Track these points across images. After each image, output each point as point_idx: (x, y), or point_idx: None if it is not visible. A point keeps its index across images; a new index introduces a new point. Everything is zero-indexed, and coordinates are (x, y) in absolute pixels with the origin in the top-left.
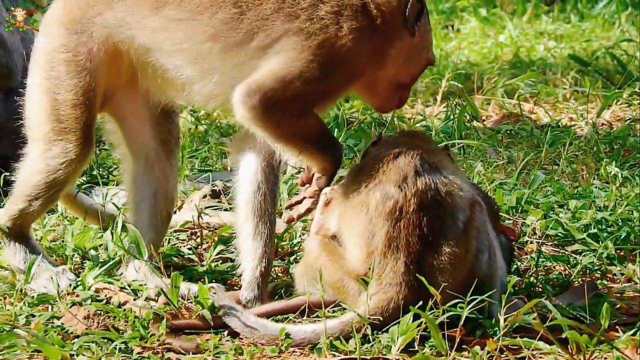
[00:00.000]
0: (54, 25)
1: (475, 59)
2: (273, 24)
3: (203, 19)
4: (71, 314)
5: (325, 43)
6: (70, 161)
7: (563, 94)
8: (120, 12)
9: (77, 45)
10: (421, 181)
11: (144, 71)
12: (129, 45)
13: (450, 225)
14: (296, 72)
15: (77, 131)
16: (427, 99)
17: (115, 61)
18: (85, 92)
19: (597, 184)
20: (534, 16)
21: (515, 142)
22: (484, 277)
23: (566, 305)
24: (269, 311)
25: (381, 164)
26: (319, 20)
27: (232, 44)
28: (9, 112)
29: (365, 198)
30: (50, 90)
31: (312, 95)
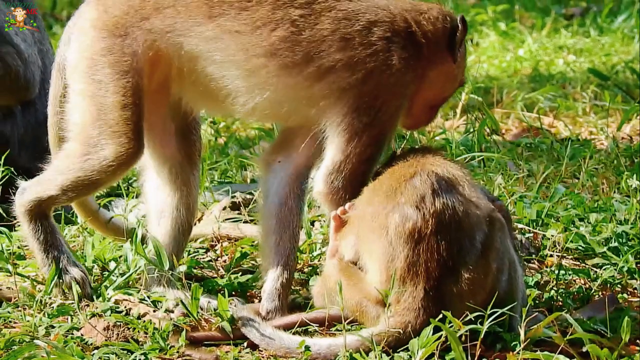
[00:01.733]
0: (93, 29)
1: (494, 72)
2: (329, 48)
3: (262, 34)
4: (91, 325)
5: (375, 72)
6: (120, 164)
7: (583, 107)
8: (169, 17)
9: (122, 48)
10: (439, 201)
11: (184, 79)
12: (174, 52)
13: (468, 247)
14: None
15: (129, 132)
16: (446, 112)
17: (152, 67)
18: (134, 93)
19: (617, 197)
20: (553, 30)
21: (535, 155)
22: (504, 294)
23: (587, 319)
24: (287, 323)
25: (397, 184)
26: (370, 46)
27: (289, 64)
28: (26, 125)
29: (384, 220)
30: (95, 94)
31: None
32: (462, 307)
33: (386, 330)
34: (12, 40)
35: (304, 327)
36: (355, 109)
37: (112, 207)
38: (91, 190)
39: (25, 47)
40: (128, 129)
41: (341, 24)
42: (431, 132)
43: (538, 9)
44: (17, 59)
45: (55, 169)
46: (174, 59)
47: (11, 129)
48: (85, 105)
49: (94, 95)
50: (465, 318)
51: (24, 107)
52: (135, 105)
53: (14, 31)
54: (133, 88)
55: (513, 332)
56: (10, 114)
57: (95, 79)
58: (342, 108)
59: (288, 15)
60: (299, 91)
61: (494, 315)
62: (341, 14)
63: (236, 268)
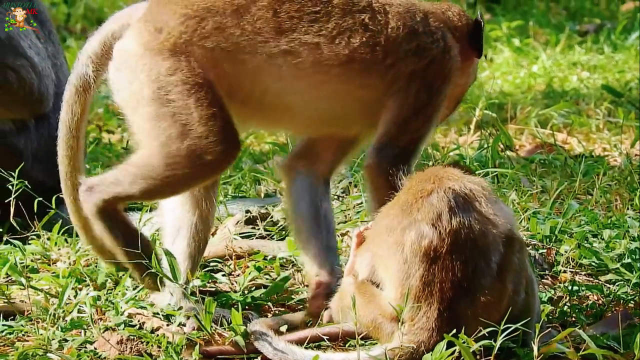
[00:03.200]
0: (150, 52)
1: (508, 88)
2: (401, 41)
3: (340, 43)
4: (104, 338)
5: (437, 58)
6: (216, 167)
7: (596, 124)
8: (233, 36)
9: (189, 64)
10: (455, 220)
11: (240, 96)
12: (236, 70)
13: (484, 267)
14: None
15: (224, 137)
16: (460, 128)
17: (217, 82)
18: (217, 101)
19: (631, 214)
20: (567, 47)
21: (548, 171)
22: (519, 313)
23: (600, 335)
24: (300, 338)
25: (414, 199)
26: (432, 34)
27: (367, 67)
28: (40, 138)
29: (400, 237)
30: (175, 113)
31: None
32: (476, 328)
33: (400, 347)
34: (26, 53)
35: (317, 343)
36: (416, 91)
37: None
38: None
39: (38, 60)
40: (221, 137)
41: (405, 18)
42: (445, 147)
43: (552, 26)
44: (31, 72)
45: (135, 174)
46: (235, 76)
47: (25, 142)
48: (165, 125)
49: (173, 115)
50: (478, 334)
51: (38, 120)
52: (221, 111)
53: (28, 44)
54: (213, 97)
55: (526, 347)
56: (24, 128)
57: (169, 98)
58: (406, 91)
59: (358, 20)
60: (371, 90)
61: (507, 330)
62: (401, 8)
63: (250, 282)
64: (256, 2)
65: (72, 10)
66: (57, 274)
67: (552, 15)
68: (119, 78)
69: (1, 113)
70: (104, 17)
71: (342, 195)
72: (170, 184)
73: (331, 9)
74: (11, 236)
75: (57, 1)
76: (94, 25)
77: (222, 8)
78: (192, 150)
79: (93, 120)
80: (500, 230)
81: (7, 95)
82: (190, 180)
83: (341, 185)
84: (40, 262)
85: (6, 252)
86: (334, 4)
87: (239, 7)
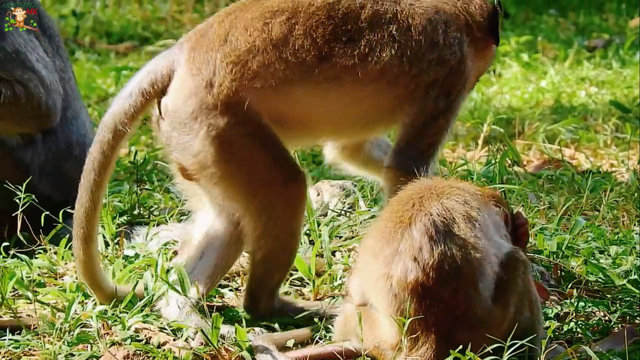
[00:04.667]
0: (205, 109)
1: (516, 104)
2: (423, 52)
3: (372, 60)
4: (110, 353)
5: (454, 67)
6: (297, 202)
7: (604, 140)
8: (277, 70)
9: (246, 114)
10: (437, 251)
11: (287, 122)
12: (281, 98)
13: (473, 295)
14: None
15: (290, 173)
16: (468, 143)
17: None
18: (275, 142)
19: (637, 230)
20: (576, 62)
21: (556, 187)
22: (524, 332)
23: (606, 351)
24: (304, 355)
25: (395, 228)
26: (450, 47)
27: (395, 79)
28: (47, 152)
29: (386, 269)
30: (241, 166)
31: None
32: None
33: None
34: (34, 67)
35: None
36: (435, 98)
37: (133, 235)
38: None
39: (46, 74)
40: (289, 172)
41: (428, 29)
42: (453, 162)
43: (561, 41)
44: (39, 86)
45: (260, 263)
46: (282, 107)
47: (32, 156)
48: (239, 181)
49: (241, 166)
50: (483, 351)
51: (45, 135)
52: (280, 149)
53: (35, 58)
54: (271, 137)
55: None
56: (32, 142)
57: (233, 152)
58: (425, 98)
59: (387, 32)
60: (398, 99)
61: (513, 347)
62: (424, 19)
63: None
64: (292, 32)
65: (81, 23)
66: (63, 288)
67: (561, 30)
68: (175, 138)
69: (9, 127)
70: (112, 30)
71: (349, 211)
72: (283, 238)
73: (361, 25)
74: (18, 250)
75: (66, 14)
76: (102, 38)
77: (262, 46)
78: (271, 197)
79: None
80: (493, 252)
81: (15, 109)
82: (292, 222)
83: (348, 200)
84: (46, 276)
85: (13, 266)
86: (362, 20)
87: (277, 41)
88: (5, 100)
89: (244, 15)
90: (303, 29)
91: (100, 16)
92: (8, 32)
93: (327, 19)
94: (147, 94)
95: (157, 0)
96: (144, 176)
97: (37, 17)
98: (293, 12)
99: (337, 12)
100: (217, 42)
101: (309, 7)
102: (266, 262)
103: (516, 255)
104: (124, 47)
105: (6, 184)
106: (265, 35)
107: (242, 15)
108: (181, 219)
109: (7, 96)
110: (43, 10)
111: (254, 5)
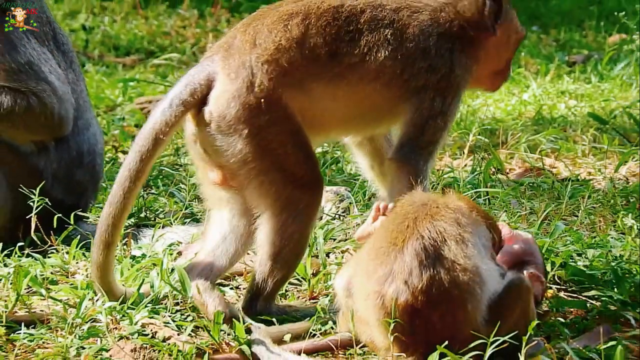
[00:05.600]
0: (249, 109)
1: (500, 115)
2: (415, 58)
3: (370, 59)
4: (118, 347)
5: (446, 73)
6: (313, 207)
7: (582, 150)
8: (302, 65)
9: (282, 109)
10: (425, 275)
11: (306, 120)
12: (306, 98)
13: (462, 318)
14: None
15: (316, 176)
16: (454, 152)
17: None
18: (306, 141)
19: (613, 234)
20: (557, 76)
21: (537, 194)
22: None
23: (583, 347)
24: (300, 348)
25: (390, 248)
26: (441, 56)
27: (390, 80)
28: (59, 159)
29: (379, 288)
30: (276, 162)
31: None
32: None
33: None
34: (47, 78)
35: (321, 352)
36: (431, 100)
37: (139, 237)
38: (305, 245)
39: (59, 84)
40: (315, 174)
41: (420, 40)
42: (440, 170)
43: (542, 56)
44: (52, 97)
45: (267, 259)
46: (305, 104)
47: (45, 163)
48: (272, 178)
49: (276, 162)
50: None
51: (58, 143)
52: (310, 149)
53: (48, 69)
54: (304, 136)
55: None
56: (45, 149)
57: (271, 148)
58: (421, 99)
59: (382, 35)
60: (396, 100)
61: (496, 342)
62: (418, 29)
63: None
64: (308, 31)
65: (90, 37)
66: (75, 285)
67: (543, 46)
68: (219, 140)
69: (24, 135)
70: (120, 43)
71: (342, 215)
72: (295, 238)
73: (360, 27)
74: (32, 250)
75: (77, 28)
76: (110, 51)
77: (286, 45)
78: (296, 196)
79: (109, 142)
80: (474, 274)
81: (29, 118)
82: (307, 224)
83: (342, 205)
84: (59, 275)
85: (27, 264)
86: (361, 22)
87: (297, 39)
88: (20, 110)
89: (264, 21)
90: (316, 28)
91: (108, 30)
92: (21, 44)
93: (333, 20)
94: (187, 104)
95: (162, 16)
96: (150, 181)
97: (53, 34)
98: (306, 14)
99: (340, 14)
100: (248, 47)
101: (318, 9)
102: (274, 260)
103: (517, 281)
104: (131, 59)
105: (21, 188)
106: (288, 34)
107: (262, 21)
108: (185, 221)
109: (22, 106)
110: (58, 27)
111: (269, 12)
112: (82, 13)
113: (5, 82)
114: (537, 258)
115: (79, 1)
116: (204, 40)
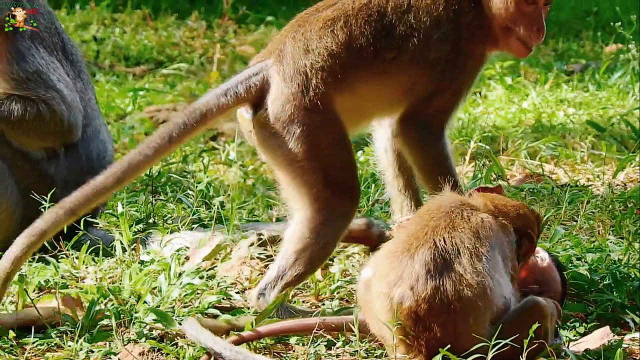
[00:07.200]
0: (304, 111)
1: (500, 123)
2: (433, 34)
3: (401, 49)
4: (127, 350)
5: (455, 42)
6: (349, 213)
7: (581, 156)
8: (349, 66)
9: (333, 112)
10: (430, 284)
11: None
12: (350, 97)
13: (463, 330)
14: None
15: (356, 182)
16: (456, 158)
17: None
18: (350, 147)
19: (612, 239)
20: (555, 85)
21: (537, 199)
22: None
23: (583, 351)
24: (277, 329)
25: (406, 250)
26: (451, 22)
27: (418, 63)
28: (69, 166)
29: (388, 291)
30: (322, 163)
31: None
32: None
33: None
34: (56, 85)
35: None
36: (442, 70)
37: (148, 242)
38: (332, 250)
39: (68, 92)
40: (356, 180)
41: (432, 8)
42: None
43: (542, 65)
44: (61, 104)
45: (293, 253)
46: (349, 103)
47: (55, 169)
48: (317, 177)
49: (322, 162)
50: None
51: (67, 149)
52: (353, 155)
53: (57, 78)
54: (348, 141)
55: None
56: (55, 156)
57: (320, 148)
58: (433, 71)
59: (407, 21)
60: (417, 77)
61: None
62: (429, 2)
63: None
64: (352, 33)
65: (101, 48)
66: (84, 290)
67: (542, 55)
68: (274, 140)
69: (34, 142)
70: (130, 54)
71: None
72: (325, 241)
73: (390, 18)
74: (42, 254)
75: (88, 39)
76: (120, 61)
77: (337, 50)
78: (336, 198)
79: (119, 149)
80: (479, 290)
81: (40, 125)
82: (341, 227)
83: None
84: (69, 279)
85: (38, 269)
86: (390, 13)
87: (345, 43)
88: (30, 117)
89: (310, 27)
90: (358, 30)
91: (119, 41)
92: (29, 54)
93: (368, 17)
94: (241, 98)
95: (171, 27)
96: (159, 188)
97: (62, 44)
98: (346, 16)
99: (371, 9)
100: (301, 54)
101: (353, 9)
102: (300, 256)
103: (531, 303)
104: (141, 69)
105: (32, 194)
106: (337, 40)
107: (308, 28)
108: (192, 227)
109: (32, 113)
110: (67, 37)
111: (311, 18)
112: (93, 24)
113: (15, 91)
114: (553, 288)
115: (90, 13)
116: (212, 51)
